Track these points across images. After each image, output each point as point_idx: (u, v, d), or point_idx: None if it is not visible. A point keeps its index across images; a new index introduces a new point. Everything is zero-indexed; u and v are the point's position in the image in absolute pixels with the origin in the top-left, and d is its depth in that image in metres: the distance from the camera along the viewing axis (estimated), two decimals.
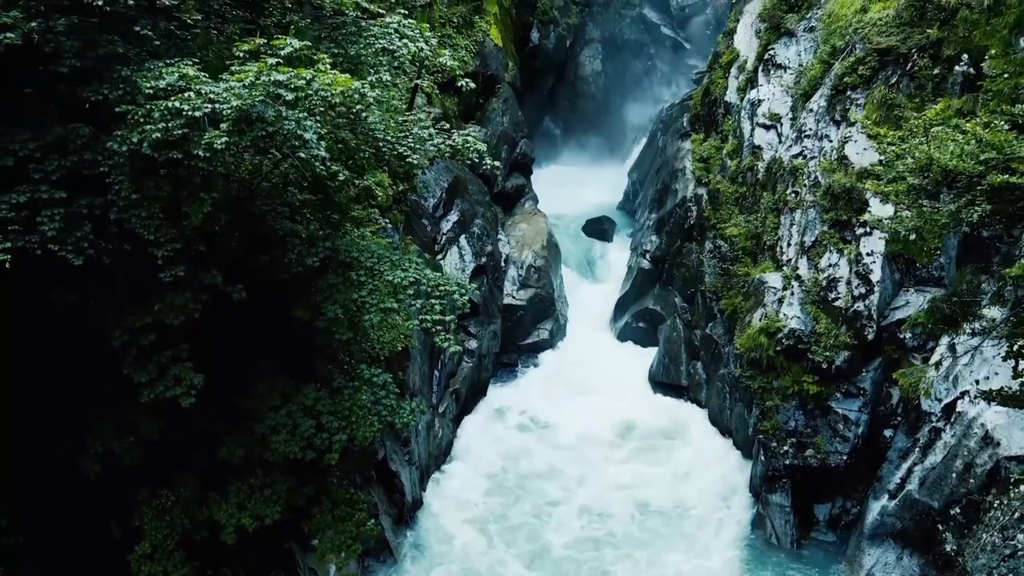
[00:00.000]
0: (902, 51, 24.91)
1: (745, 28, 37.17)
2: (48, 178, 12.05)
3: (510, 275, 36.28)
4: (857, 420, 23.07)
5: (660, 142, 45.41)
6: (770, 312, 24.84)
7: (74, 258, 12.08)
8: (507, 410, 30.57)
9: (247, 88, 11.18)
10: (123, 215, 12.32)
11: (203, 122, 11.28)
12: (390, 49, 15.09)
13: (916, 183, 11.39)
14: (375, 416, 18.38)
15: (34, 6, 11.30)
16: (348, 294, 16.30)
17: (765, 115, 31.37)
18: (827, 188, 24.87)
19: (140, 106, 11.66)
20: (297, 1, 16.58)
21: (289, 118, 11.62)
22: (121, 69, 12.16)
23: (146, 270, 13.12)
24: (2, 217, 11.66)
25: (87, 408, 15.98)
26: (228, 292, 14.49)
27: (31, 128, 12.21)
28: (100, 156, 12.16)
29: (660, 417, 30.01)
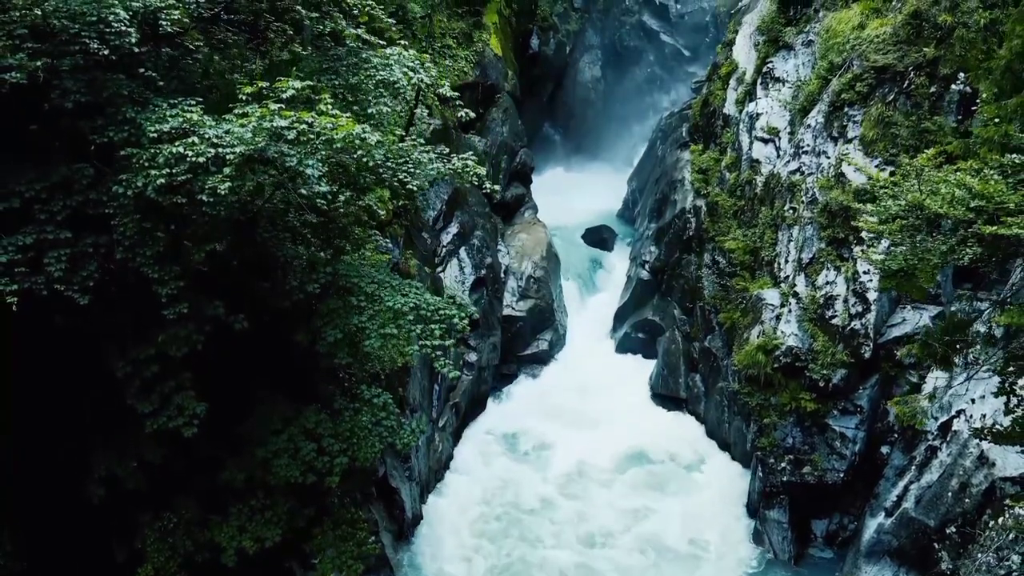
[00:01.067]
0: (899, 69, 25.07)
1: (744, 39, 37.36)
2: (54, 219, 12.22)
3: (510, 286, 36.42)
4: (854, 438, 23.24)
5: (659, 151, 45.54)
6: (768, 329, 25.01)
7: (80, 297, 12.24)
8: (505, 425, 30.60)
9: (251, 133, 11.33)
10: (128, 254, 12.48)
11: (208, 164, 11.43)
12: (390, 81, 15.23)
13: (909, 222, 11.54)
14: (376, 437, 18.57)
15: (40, 48, 11.43)
16: (348, 319, 16.45)
17: (763, 129, 31.53)
18: (824, 205, 25.04)
19: (145, 149, 11.82)
20: (298, 28, 16.68)
21: (291, 155, 11.77)
22: (126, 110, 12.31)
23: (149, 302, 13.27)
24: (9, 260, 11.82)
25: (90, 432, 16.14)
26: (230, 322, 14.62)
27: (37, 168, 12.37)
28: (105, 196, 12.32)
29: (658, 431, 30.07)
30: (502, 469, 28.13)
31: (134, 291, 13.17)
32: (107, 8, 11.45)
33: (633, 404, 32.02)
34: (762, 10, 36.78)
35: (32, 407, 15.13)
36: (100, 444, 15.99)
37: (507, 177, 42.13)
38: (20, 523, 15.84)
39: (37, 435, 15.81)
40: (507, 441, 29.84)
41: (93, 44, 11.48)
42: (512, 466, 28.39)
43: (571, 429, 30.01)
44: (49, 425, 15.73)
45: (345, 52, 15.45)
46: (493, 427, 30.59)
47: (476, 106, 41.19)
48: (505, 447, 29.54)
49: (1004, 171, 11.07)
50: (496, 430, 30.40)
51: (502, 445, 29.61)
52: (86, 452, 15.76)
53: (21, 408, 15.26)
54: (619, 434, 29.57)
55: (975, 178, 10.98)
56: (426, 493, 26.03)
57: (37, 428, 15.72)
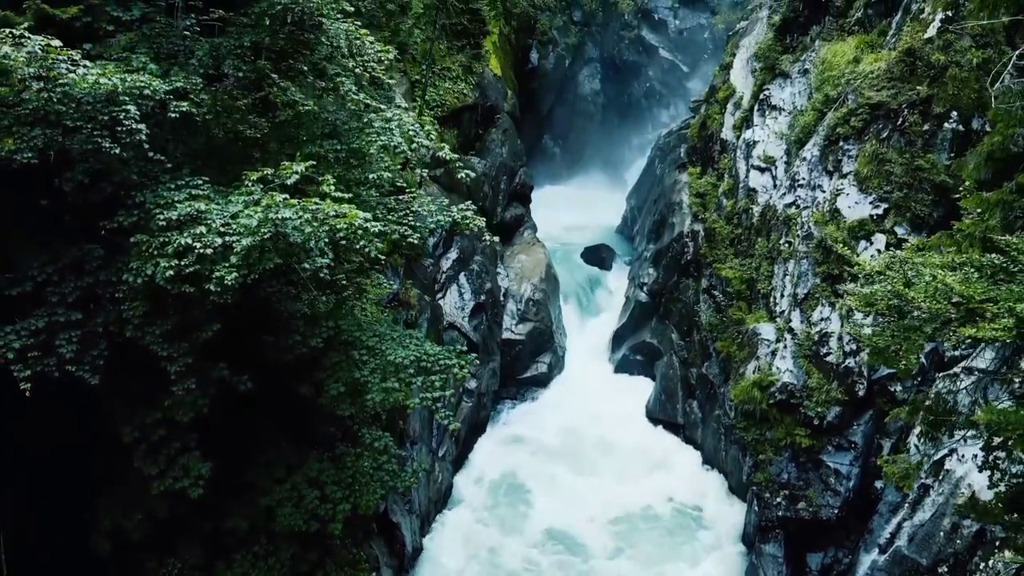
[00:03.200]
0: (893, 106, 25.32)
1: (741, 63, 37.66)
2: (65, 300, 12.53)
3: (509, 309, 36.71)
4: (848, 474, 23.54)
5: (658, 170, 45.88)
6: (763, 365, 25.32)
7: (90, 377, 12.57)
8: (504, 455, 30.77)
9: (256, 222, 11.64)
10: (137, 332, 12.80)
11: (215, 254, 11.73)
12: (391, 146, 15.54)
13: (893, 303, 11.85)
14: (377, 483, 18.91)
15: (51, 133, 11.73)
16: (350, 373, 16.77)
17: (760, 157, 31.84)
18: (820, 241, 25.34)
19: (154, 236, 12.13)
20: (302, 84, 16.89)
21: (295, 234, 12.07)
22: (135, 194, 12.63)
23: (156, 370, 13.57)
24: (22, 346, 12.14)
25: (97, 485, 16.45)
26: (235, 383, 14.94)
27: (48, 248, 12.69)
28: (114, 278, 12.64)
29: (656, 460, 30.34)
30: (502, 500, 28.37)
31: (141, 362, 13.47)
32: (118, 107, 11.77)
33: (631, 430, 32.28)
34: (759, 34, 37.15)
35: (38, 463, 15.41)
36: (106, 496, 16.27)
37: (506, 198, 42.39)
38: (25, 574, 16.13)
39: (43, 489, 16.10)
40: (505, 475, 29.90)
41: (105, 143, 11.79)
42: (511, 498, 28.61)
43: (568, 462, 30.23)
44: (55, 480, 16.02)
45: (347, 116, 15.74)
46: (491, 459, 30.65)
47: (476, 127, 41.60)
48: (504, 479, 29.69)
49: (983, 271, 11.39)
50: (494, 461, 30.54)
51: (501, 475, 29.81)
52: (93, 506, 16.04)
53: (26, 464, 15.55)
54: (616, 467, 29.77)
55: (956, 274, 11.29)
56: (426, 525, 26.35)
57: (43, 483, 16.01)
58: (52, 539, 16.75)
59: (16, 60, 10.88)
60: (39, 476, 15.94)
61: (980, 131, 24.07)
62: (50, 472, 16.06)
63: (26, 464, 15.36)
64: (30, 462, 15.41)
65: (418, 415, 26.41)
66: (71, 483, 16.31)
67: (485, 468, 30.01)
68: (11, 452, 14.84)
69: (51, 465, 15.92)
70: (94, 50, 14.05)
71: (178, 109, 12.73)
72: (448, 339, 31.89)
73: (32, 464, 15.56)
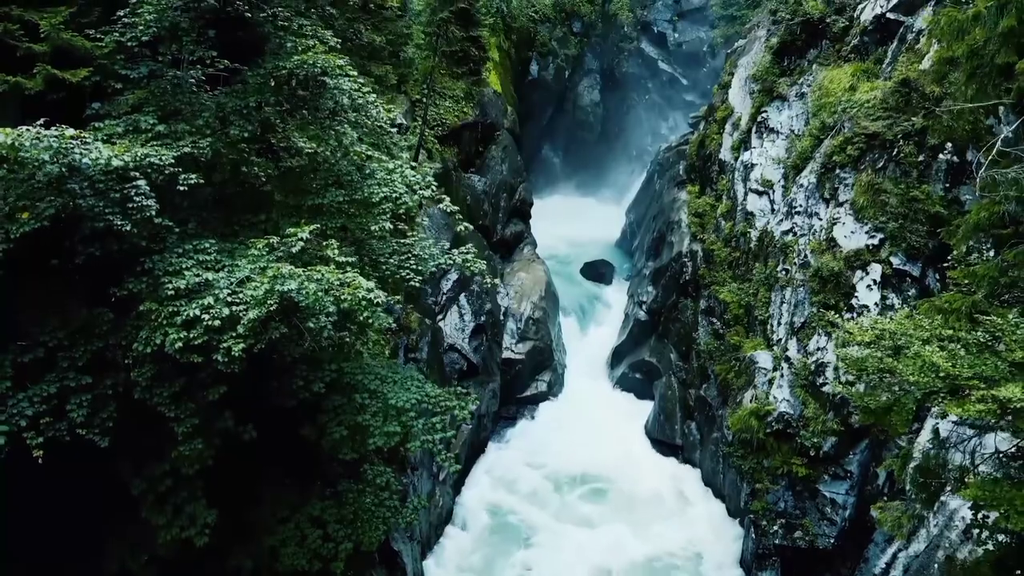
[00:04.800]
0: (888, 137, 25.59)
1: (739, 83, 37.92)
2: (75, 364, 12.82)
3: (509, 328, 36.96)
4: (844, 503, 23.84)
5: (657, 185, 46.19)
6: (760, 394, 25.61)
7: (100, 440, 12.87)
8: (504, 480, 31.00)
9: (263, 293, 11.93)
10: (145, 394, 13.10)
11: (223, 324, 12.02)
12: (393, 197, 15.82)
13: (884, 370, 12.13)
14: (379, 519, 19.14)
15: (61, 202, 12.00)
16: (352, 416, 17.03)
17: (758, 180, 32.13)
18: (816, 270, 25.60)
19: (163, 306, 12.41)
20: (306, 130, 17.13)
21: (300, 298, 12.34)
22: (144, 261, 12.91)
23: (163, 423, 13.86)
24: (35, 412, 12.42)
25: (104, 526, 16.72)
26: (240, 432, 15.22)
27: (58, 313, 12.96)
28: (124, 342, 12.93)
29: (655, 484, 30.56)
30: (500, 528, 28.59)
31: (148, 416, 13.74)
32: (130, 185, 12.06)
33: (630, 451, 32.52)
34: (757, 53, 37.39)
35: (44, 507, 15.67)
36: (115, 538, 16.54)
37: (506, 215, 42.69)
38: None
39: (49, 530, 16.36)
40: (501, 507, 29.90)
41: (117, 220, 12.07)
42: (504, 535, 28.77)
43: (566, 487, 30.42)
44: (61, 522, 16.28)
45: (349, 165, 16.01)
46: (490, 483, 30.83)
47: (476, 144, 41.89)
48: (500, 512, 29.73)
49: (969, 348, 11.67)
50: (494, 485, 30.68)
51: (498, 505, 29.91)
52: (100, 551, 16.31)
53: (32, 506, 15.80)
54: (615, 497, 29.96)
55: (943, 350, 11.56)
56: (427, 550, 26.63)
57: (49, 524, 16.27)
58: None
59: (34, 152, 11.15)
60: (46, 521, 16.21)
61: (975, 163, 24.35)
62: (58, 516, 16.33)
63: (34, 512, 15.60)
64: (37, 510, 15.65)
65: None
66: (79, 526, 16.56)
67: (485, 492, 30.21)
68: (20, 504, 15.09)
69: (59, 510, 16.17)
70: (102, 109, 14.35)
71: (187, 182, 13.00)
72: (449, 361, 32.18)
73: (40, 511, 15.81)
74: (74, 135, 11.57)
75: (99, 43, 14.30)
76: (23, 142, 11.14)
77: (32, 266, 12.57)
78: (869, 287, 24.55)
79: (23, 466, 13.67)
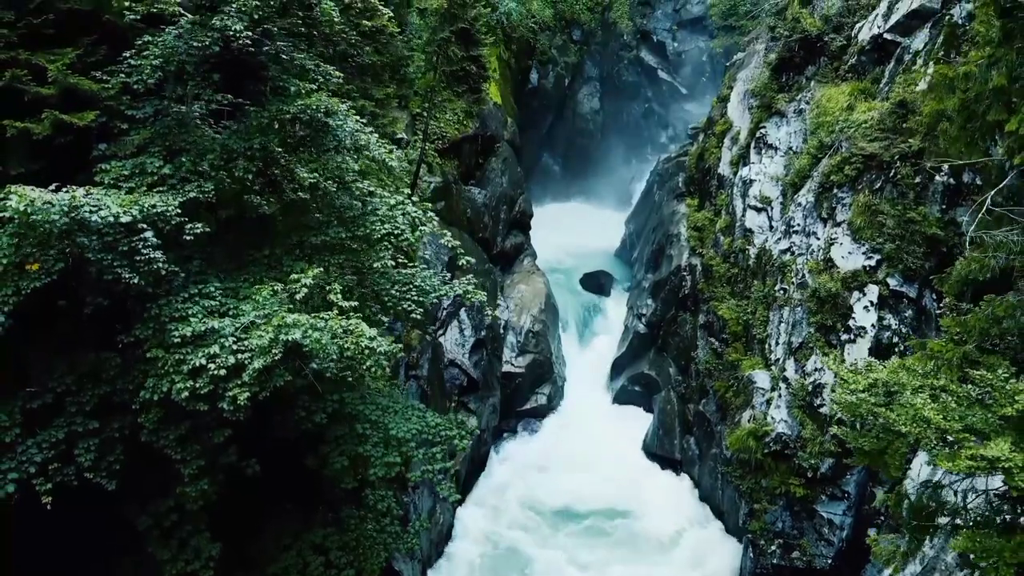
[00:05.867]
0: (885, 158, 25.77)
1: (738, 97, 38.09)
2: (83, 409, 13.05)
3: (508, 341, 37.15)
4: (842, 524, 24.05)
5: (656, 196, 46.35)
6: (758, 415, 25.82)
7: (107, 483, 13.09)
8: (502, 498, 31.14)
9: (267, 343, 12.15)
10: (152, 437, 13.31)
11: (228, 373, 12.24)
12: (394, 234, 16.03)
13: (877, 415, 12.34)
14: (380, 545, 19.40)
15: (70, 255, 12.22)
16: (354, 447, 17.25)
17: (756, 197, 32.32)
18: (814, 291, 25.78)
19: (169, 353, 12.63)
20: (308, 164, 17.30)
21: (304, 342, 12.56)
22: (150, 307, 13.12)
23: (168, 461, 14.07)
24: (43, 459, 12.65)
25: (108, 559, 16.93)
26: (243, 467, 15.44)
27: (66, 357, 13.18)
28: (131, 386, 13.14)
29: (654, 500, 30.73)
30: (499, 548, 28.77)
31: (153, 455, 13.95)
32: (138, 238, 12.26)
33: (629, 467, 32.76)
34: (756, 67, 37.58)
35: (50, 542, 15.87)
36: (118, 571, 16.75)
37: (506, 227, 42.88)
38: None
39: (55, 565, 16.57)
40: (503, 526, 30.21)
41: (125, 274, 12.28)
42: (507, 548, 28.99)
43: (564, 520, 30.42)
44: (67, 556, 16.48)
45: (351, 200, 16.22)
46: (489, 503, 31.00)
47: (476, 156, 42.10)
48: (501, 528, 30.02)
49: (959, 400, 11.88)
50: (495, 506, 30.86)
51: (500, 519, 30.19)
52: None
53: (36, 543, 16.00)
54: (613, 520, 30.08)
55: (935, 404, 11.76)
56: (427, 568, 26.84)
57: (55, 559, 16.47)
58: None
59: (45, 216, 11.35)
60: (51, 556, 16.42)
61: (971, 184, 24.53)
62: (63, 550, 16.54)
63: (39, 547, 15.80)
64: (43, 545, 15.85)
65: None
66: (84, 560, 16.77)
67: (484, 511, 30.39)
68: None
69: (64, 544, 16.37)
70: (108, 150, 14.55)
71: (193, 231, 13.21)
72: (449, 377, 32.38)
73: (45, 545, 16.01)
74: (84, 193, 11.76)
75: (105, 84, 14.49)
76: (36, 207, 11.33)
77: (41, 313, 12.76)
78: (866, 308, 24.74)
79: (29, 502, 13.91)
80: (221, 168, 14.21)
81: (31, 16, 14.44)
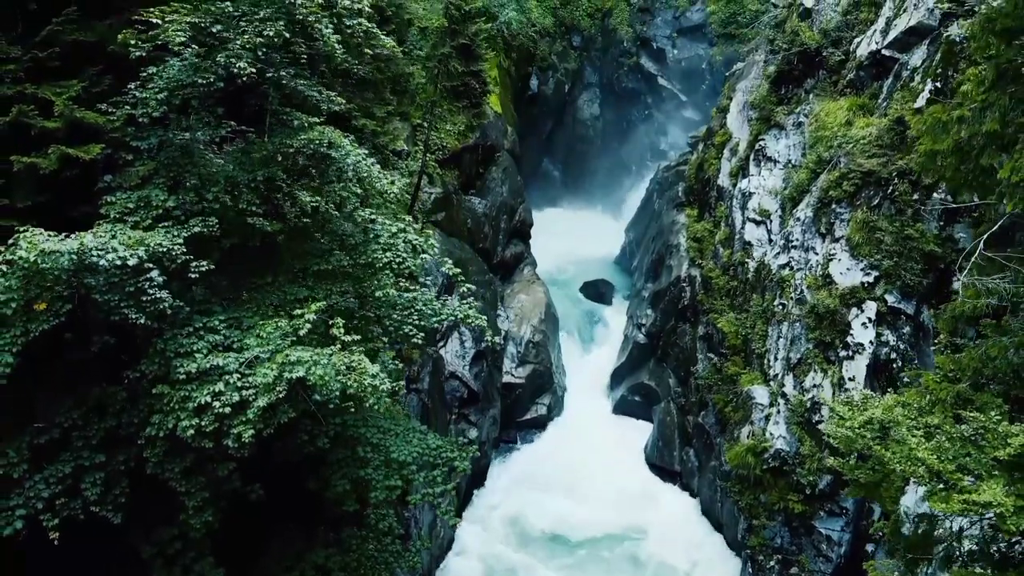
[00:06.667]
0: (883, 175, 25.92)
1: (737, 107, 38.26)
2: (89, 443, 13.20)
3: (509, 351, 37.29)
4: (840, 540, 24.22)
5: (656, 205, 46.49)
6: (757, 431, 25.99)
7: (113, 516, 13.26)
8: (501, 513, 31.19)
9: (272, 379, 12.32)
10: (157, 470, 13.48)
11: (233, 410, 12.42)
12: (396, 262, 16.20)
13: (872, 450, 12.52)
14: (382, 565, 19.58)
15: (75, 287, 12.39)
16: (355, 470, 17.40)
17: (755, 210, 32.49)
18: (812, 307, 25.95)
19: (175, 390, 12.80)
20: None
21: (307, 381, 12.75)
22: (156, 342, 13.28)
23: (172, 490, 14.23)
24: (51, 494, 12.82)
25: None
26: (247, 492, 15.61)
27: (73, 392, 13.34)
28: (136, 419, 13.31)
29: (654, 514, 30.88)
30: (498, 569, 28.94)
31: (157, 485, 14.12)
32: (144, 278, 12.43)
33: (629, 479, 32.86)
34: (755, 78, 37.77)
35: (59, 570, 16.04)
36: None
37: (507, 236, 43.02)
38: None
39: None
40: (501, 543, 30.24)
41: (131, 314, 12.45)
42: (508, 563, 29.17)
43: (563, 539, 30.47)
44: None
45: (353, 228, 16.38)
46: (489, 522, 31.09)
47: (476, 166, 42.24)
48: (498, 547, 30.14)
49: (952, 441, 12.05)
50: (495, 520, 30.99)
51: (499, 536, 30.31)
52: None
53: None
54: (612, 525, 30.27)
55: (929, 444, 11.94)
56: None
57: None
58: None
59: (56, 263, 11.52)
60: None
61: (969, 202, 24.68)
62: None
63: None
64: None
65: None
66: None
67: (484, 525, 30.52)
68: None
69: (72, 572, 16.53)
70: (114, 181, 14.68)
71: (198, 269, 13.37)
72: (449, 389, 32.53)
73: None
74: (92, 239, 11.90)
75: (110, 117, 14.63)
76: (45, 256, 11.49)
77: (47, 350, 12.92)
78: (864, 325, 24.91)
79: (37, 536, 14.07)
80: (226, 202, 14.36)
81: (37, 49, 14.58)
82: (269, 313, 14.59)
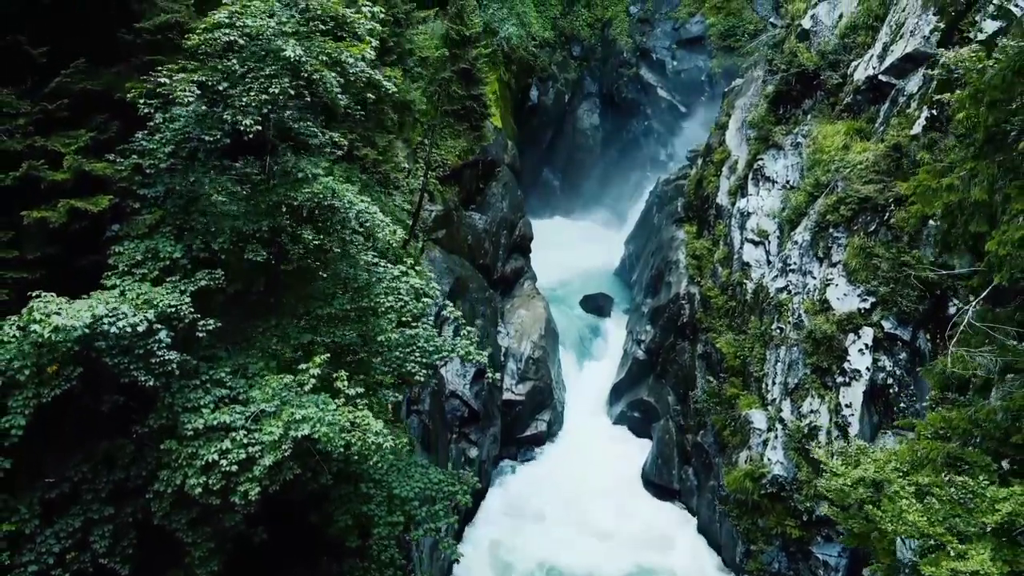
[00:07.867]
0: (880, 201, 26.18)
1: (736, 125, 38.50)
2: (99, 496, 13.48)
3: (509, 368, 37.54)
4: (837, 566, 24.48)
5: (655, 219, 46.74)
6: (755, 456, 26.26)
7: (121, 567, 13.54)
8: (501, 535, 31.38)
9: (278, 437, 12.59)
10: (164, 521, 13.74)
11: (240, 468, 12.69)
12: (398, 307, 16.48)
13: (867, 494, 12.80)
14: None
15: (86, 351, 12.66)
16: (358, 506, 17.66)
17: (754, 230, 32.75)
18: (810, 332, 26.21)
19: (183, 446, 13.06)
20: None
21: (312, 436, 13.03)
22: (163, 396, 13.55)
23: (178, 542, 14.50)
24: (61, 549, 13.09)
25: None
26: (251, 535, 15.87)
27: (82, 446, 13.62)
28: (144, 472, 13.59)
29: (652, 533, 31.11)
30: None
31: (165, 538, 14.38)
32: (153, 340, 12.69)
33: (628, 497, 33.12)
34: (754, 95, 38.00)
35: None
36: None
37: (507, 251, 43.29)
38: None
39: None
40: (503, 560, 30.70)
41: (141, 377, 12.73)
42: None
43: (560, 537, 30.88)
44: None
45: (356, 274, 16.63)
46: (489, 548, 31.19)
47: (477, 181, 42.53)
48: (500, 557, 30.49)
49: (942, 502, 12.30)
50: (494, 543, 31.16)
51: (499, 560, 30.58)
52: None
53: None
54: (612, 546, 30.45)
55: (919, 505, 12.20)
56: None
57: None
58: None
59: (69, 335, 11.79)
60: None
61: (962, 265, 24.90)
62: None
63: None
64: None
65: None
66: None
67: (483, 552, 30.71)
68: None
69: None
70: (121, 230, 14.95)
71: (205, 328, 13.63)
72: (450, 408, 32.79)
73: None
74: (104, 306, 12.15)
75: (118, 167, 14.89)
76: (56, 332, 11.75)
77: (57, 407, 13.17)
78: (861, 351, 25.16)
79: None
80: (231, 251, 14.63)
81: (47, 101, 14.83)
82: (273, 357, 14.84)
